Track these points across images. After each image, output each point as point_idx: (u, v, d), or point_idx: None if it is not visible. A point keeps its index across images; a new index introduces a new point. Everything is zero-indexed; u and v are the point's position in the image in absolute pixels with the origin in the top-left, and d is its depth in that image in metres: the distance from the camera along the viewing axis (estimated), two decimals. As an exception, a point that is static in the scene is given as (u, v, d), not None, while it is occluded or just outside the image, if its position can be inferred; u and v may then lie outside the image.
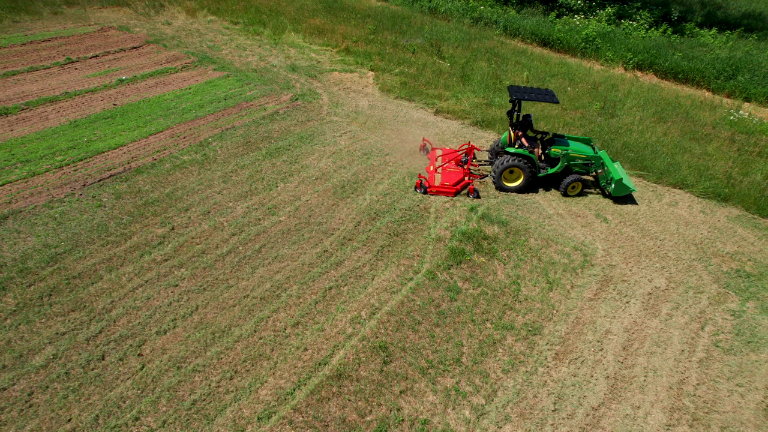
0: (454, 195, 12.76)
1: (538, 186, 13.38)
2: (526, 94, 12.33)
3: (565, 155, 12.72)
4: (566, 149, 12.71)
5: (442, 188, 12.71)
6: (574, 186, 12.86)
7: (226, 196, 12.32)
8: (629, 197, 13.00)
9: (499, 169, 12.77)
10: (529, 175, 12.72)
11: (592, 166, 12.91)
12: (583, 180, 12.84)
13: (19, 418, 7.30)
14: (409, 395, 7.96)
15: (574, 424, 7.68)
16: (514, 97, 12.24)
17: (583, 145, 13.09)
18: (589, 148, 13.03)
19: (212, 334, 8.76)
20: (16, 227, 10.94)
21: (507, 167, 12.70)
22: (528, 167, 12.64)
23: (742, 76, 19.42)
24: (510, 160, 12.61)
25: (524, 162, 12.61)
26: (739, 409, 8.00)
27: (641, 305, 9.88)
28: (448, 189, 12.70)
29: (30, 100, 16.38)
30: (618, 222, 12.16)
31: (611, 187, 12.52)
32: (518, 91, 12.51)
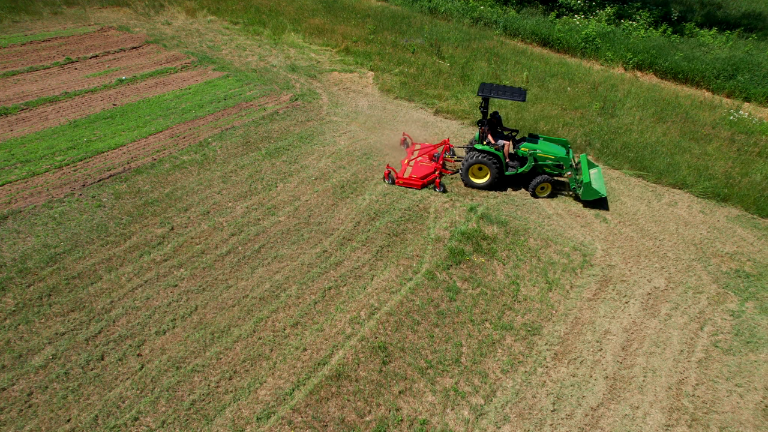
0: (420, 188, 12.95)
1: (508, 185, 13.30)
2: (495, 91, 12.32)
3: (532, 154, 12.65)
4: (534, 148, 12.63)
5: (410, 180, 12.95)
6: (543, 187, 12.74)
7: (225, 196, 12.32)
8: (602, 202, 12.70)
9: (465, 165, 12.89)
10: (495, 172, 12.72)
11: (563, 168, 12.75)
12: (551, 181, 12.67)
13: (19, 419, 7.31)
14: (408, 395, 7.96)
15: (573, 424, 7.69)
16: (483, 94, 12.26)
17: (556, 146, 12.89)
18: (562, 149, 12.80)
19: (211, 335, 8.77)
20: (16, 227, 10.95)
21: (473, 163, 12.78)
22: (494, 165, 12.64)
23: (742, 76, 19.40)
24: (476, 156, 12.69)
25: (491, 159, 12.63)
26: (738, 410, 8.00)
27: (640, 305, 9.88)
28: (415, 181, 12.91)
29: (30, 100, 16.39)
30: (617, 222, 12.16)
31: (580, 190, 12.37)
32: (487, 88, 12.45)
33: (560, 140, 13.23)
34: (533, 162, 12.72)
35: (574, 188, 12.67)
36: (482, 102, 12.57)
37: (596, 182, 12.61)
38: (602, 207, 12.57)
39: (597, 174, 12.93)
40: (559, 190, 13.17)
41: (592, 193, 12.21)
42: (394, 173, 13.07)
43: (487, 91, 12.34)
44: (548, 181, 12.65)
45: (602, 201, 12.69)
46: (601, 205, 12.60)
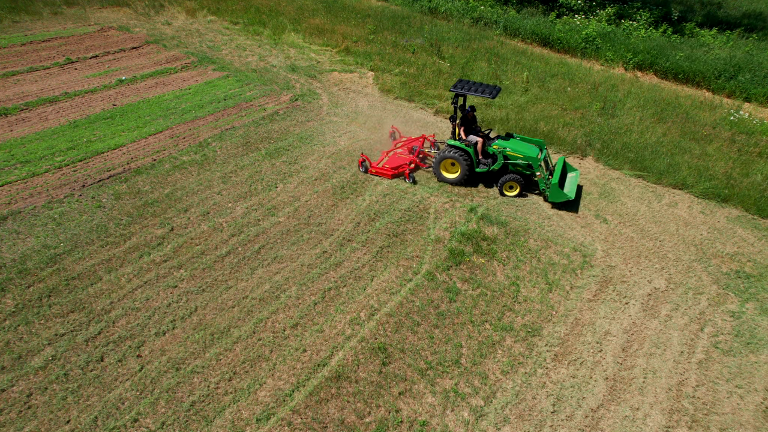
0: (391, 177, 13.25)
1: (480, 181, 13.34)
2: (468, 88, 12.39)
3: (501, 152, 12.70)
4: (504, 147, 12.67)
5: (382, 170, 13.28)
6: (511, 186, 12.73)
7: (225, 196, 12.32)
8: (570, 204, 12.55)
9: (437, 159, 13.07)
10: (466, 168, 12.77)
11: (533, 168, 12.64)
12: (519, 181, 12.57)
13: (18, 420, 7.31)
14: (408, 396, 7.96)
15: (573, 425, 7.68)
16: (455, 90, 12.39)
17: (529, 146, 12.83)
18: (534, 150, 12.70)
19: (211, 336, 8.76)
20: (16, 228, 10.94)
21: (445, 158, 12.91)
22: (465, 161, 12.69)
23: (743, 76, 19.38)
24: (447, 152, 12.81)
25: (462, 156, 12.69)
26: (738, 411, 7.99)
27: (640, 306, 9.87)
28: (386, 171, 13.24)
29: (30, 101, 16.39)
30: (617, 223, 12.15)
31: (548, 191, 12.34)
32: (461, 84, 12.57)
33: (536, 141, 13.19)
34: (503, 160, 12.76)
35: (543, 189, 12.60)
36: (455, 97, 12.68)
37: (568, 185, 12.65)
38: (570, 209, 12.46)
39: (573, 178, 12.92)
40: (533, 190, 13.12)
41: (559, 195, 12.17)
42: (368, 161, 13.38)
43: (460, 87, 12.47)
44: (515, 180, 12.59)
45: (570, 203, 12.54)
46: (569, 207, 12.50)
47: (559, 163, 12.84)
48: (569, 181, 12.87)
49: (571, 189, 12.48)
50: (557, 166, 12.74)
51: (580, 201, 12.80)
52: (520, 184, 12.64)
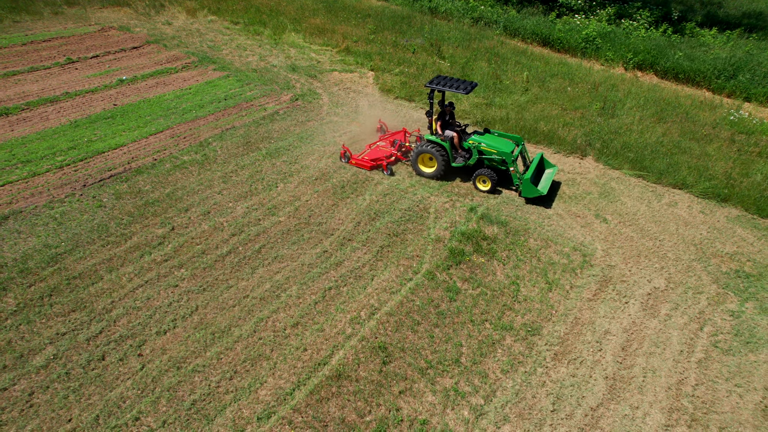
0: (370, 169, 13.54)
1: (457, 175, 13.52)
2: (443, 84, 12.56)
3: (476, 147, 12.83)
4: (479, 142, 12.78)
5: (362, 161, 13.59)
6: (483, 180, 12.86)
7: (226, 196, 12.34)
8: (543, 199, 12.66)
9: (413, 153, 13.28)
10: (442, 163, 12.94)
11: (506, 163, 12.73)
12: (491, 176, 12.68)
13: (20, 418, 7.34)
14: (409, 395, 7.98)
15: (573, 424, 7.70)
16: (430, 86, 12.62)
17: (504, 142, 12.95)
18: (509, 145, 12.80)
19: (212, 335, 8.79)
20: (17, 227, 10.97)
21: (421, 152, 13.09)
22: (441, 155, 12.85)
23: (743, 75, 19.40)
24: (423, 146, 13.00)
25: (438, 150, 12.86)
26: (737, 410, 8.02)
27: (640, 306, 9.89)
28: (365, 162, 13.50)
29: (30, 100, 16.42)
30: (617, 222, 12.17)
31: (521, 186, 12.47)
32: (437, 80, 12.76)
33: (513, 137, 13.37)
34: (477, 155, 12.91)
35: (517, 184, 12.73)
36: (430, 93, 12.86)
37: (543, 182, 12.73)
38: (543, 204, 12.55)
39: (549, 174, 13.02)
40: (509, 186, 13.24)
41: (531, 191, 12.29)
42: (348, 153, 13.71)
43: (436, 82, 12.69)
44: (487, 175, 12.71)
45: (543, 199, 12.66)
46: (542, 203, 12.58)
47: (536, 160, 12.98)
48: (545, 178, 12.97)
49: (544, 185, 12.55)
50: (533, 162, 12.89)
51: (555, 197, 12.87)
52: (491, 179, 12.73)
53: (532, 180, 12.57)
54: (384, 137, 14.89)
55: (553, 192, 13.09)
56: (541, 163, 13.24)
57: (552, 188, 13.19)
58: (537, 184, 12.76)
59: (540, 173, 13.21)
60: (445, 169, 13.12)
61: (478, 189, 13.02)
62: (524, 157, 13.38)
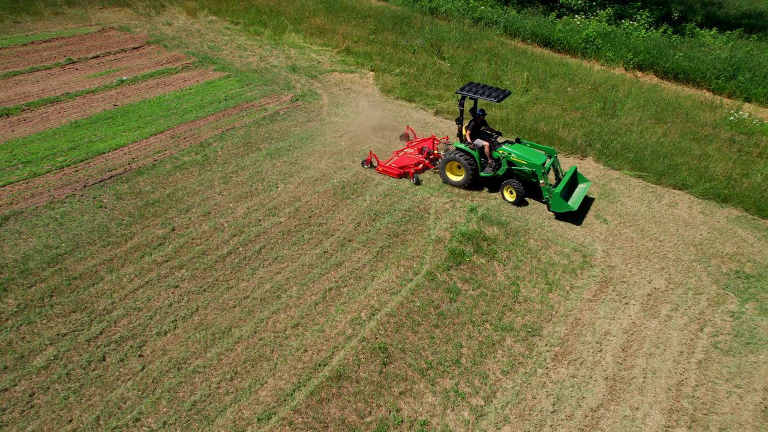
0: (398, 177, 13.32)
1: (485, 185, 13.23)
2: (475, 91, 12.35)
3: (505, 157, 12.43)
4: (509, 152, 12.35)
5: (389, 168, 13.38)
6: (510, 191, 12.48)
7: (226, 197, 12.35)
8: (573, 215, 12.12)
9: (442, 161, 13.05)
10: (470, 172, 12.63)
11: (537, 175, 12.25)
12: (517, 187, 12.28)
13: (21, 419, 7.34)
14: (409, 396, 7.99)
15: (573, 425, 7.71)
16: (461, 93, 12.48)
17: (536, 153, 12.41)
18: (540, 157, 12.29)
19: (212, 335, 8.79)
20: (18, 228, 10.98)
21: (449, 160, 12.85)
22: (469, 164, 12.54)
23: (743, 76, 19.39)
24: (452, 154, 12.74)
25: (466, 159, 12.55)
26: (737, 411, 8.02)
27: (640, 306, 9.90)
28: (393, 170, 13.33)
29: (31, 101, 16.43)
30: (617, 223, 12.17)
31: (551, 201, 11.96)
32: (468, 87, 12.60)
33: (546, 148, 12.86)
34: (506, 165, 12.49)
35: (546, 198, 12.22)
36: (461, 99, 12.72)
37: (575, 197, 12.23)
38: (574, 220, 12.04)
39: (582, 189, 12.51)
40: (539, 198, 12.74)
41: (561, 205, 11.77)
42: (375, 159, 13.50)
43: (467, 89, 12.50)
44: (514, 186, 12.32)
45: (573, 214, 12.14)
46: (573, 219, 12.07)
47: (569, 173, 12.41)
48: (577, 192, 12.43)
49: (575, 201, 12.04)
50: (566, 176, 12.31)
51: (585, 213, 12.42)
52: (518, 191, 12.36)
53: (564, 194, 12.01)
54: (411, 144, 14.59)
55: (584, 207, 12.58)
56: (574, 177, 12.69)
57: (584, 203, 12.66)
58: (568, 198, 12.25)
59: (573, 187, 12.64)
60: (473, 178, 12.75)
61: (505, 199, 12.65)
62: (557, 169, 12.82)
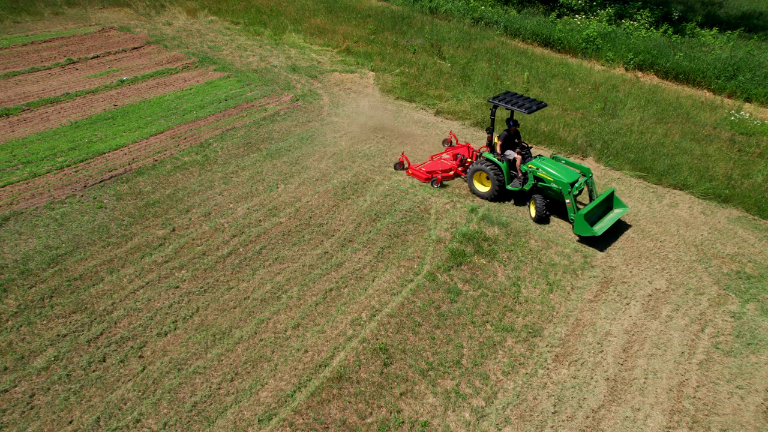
0: (425, 181, 13.21)
1: (511, 198, 12.73)
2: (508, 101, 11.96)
3: (532, 172, 11.93)
4: (537, 167, 11.83)
5: (417, 172, 13.32)
6: (533, 206, 12.02)
7: (226, 197, 12.34)
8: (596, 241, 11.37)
9: (470, 170, 12.79)
10: (496, 184, 12.20)
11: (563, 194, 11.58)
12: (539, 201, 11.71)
13: (21, 420, 7.33)
14: (410, 397, 7.97)
15: (574, 426, 7.70)
16: (493, 102, 12.20)
17: (568, 171, 11.74)
18: (570, 175, 11.59)
19: (213, 336, 8.78)
20: (18, 228, 10.96)
21: (477, 170, 12.55)
22: (496, 176, 12.12)
23: (743, 76, 19.38)
24: (480, 164, 12.39)
25: (493, 169, 12.13)
26: (739, 411, 8.01)
27: (641, 307, 9.88)
28: (421, 174, 13.25)
29: (31, 101, 16.41)
30: (618, 223, 12.14)
31: (574, 222, 11.32)
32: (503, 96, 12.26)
33: (581, 167, 12.16)
34: (533, 180, 11.99)
35: (572, 218, 11.59)
36: (493, 108, 12.41)
37: (605, 221, 11.42)
38: (596, 245, 11.30)
39: (615, 215, 11.64)
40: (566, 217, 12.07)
41: (584, 228, 11.05)
42: (407, 162, 13.47)
43: (501, 98, 12.09)
44: (535, 201, 11.81)
45: (597, 239, 11.38)
46: (596, 244, 11.32)
47: (602, 196, 11.59)
48: (609, 217, 11.58)
49: (602, 226, 11.21)
50: (599, 198, 11.53)
51: (613, 241, 11.48)
52: (538, 208, 11.75)
53: (592, 217, 11.28)
54: (449, 150, 14.30)
55: (614, 233, 11.66)
56: (609, 201, 11.81)
57: (615, 229, 11.73)
58: (596, 222, 11.41)
59: (607, 211, 11.81)
60: (499, 190, 12.31)
61: (530, 215, 12.13)
62: (591, 190, 12.04)
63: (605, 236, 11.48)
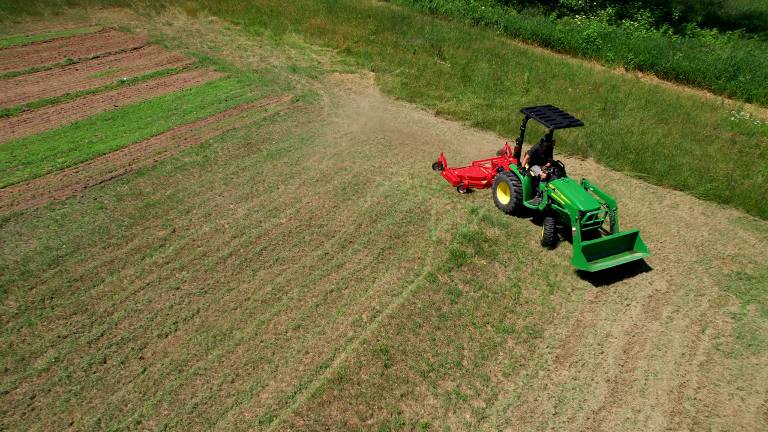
0: (454, 185, 13.12)
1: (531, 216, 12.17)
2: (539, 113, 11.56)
3: (546, 191, 11.31)
4: (554, 186, 11.10)
5: (449, 174, 13.28)
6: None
7: (227, 198, 12.33)
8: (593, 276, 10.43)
9: (495, 181, 12.44)
10: (514, 198, 11.78)
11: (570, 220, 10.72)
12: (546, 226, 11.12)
13: (22, 422, 7.33)
14: (410, 399, 7.97)
15: (575, 427, 7.70)
16: (525, 112, 11.84)
17: (589, 199, 10.69)
18: (590, 203, 10.60)
19: (213, 337, 8.78)
20: (18, 229, 10.96)
21: (500, 181, 12.22)
22: (515, 189, 11.70)
23: (744, 76, 19.38)
24: (504, 175, 12.03)
25: (513, 183, 11.73)
26: (739, 413, 8.01)
27: (642, 308, 9.88)
28: (452, 177, 13.16)
29: (31, 102, 16.40)
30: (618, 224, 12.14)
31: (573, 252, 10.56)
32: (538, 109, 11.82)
33: (607, 199, 11.04)
34: (547, 200, 11.32)
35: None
36: (524, 119, 12.11)
37: (609, 260, 10.36)
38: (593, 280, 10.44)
39: (628, 257, 10.46)
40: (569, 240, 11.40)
41: (579, 260, 10.19)
42: (443, 163, 13.48)
43: (536, 111, 11.63)
44: (546, 222, 11.22)
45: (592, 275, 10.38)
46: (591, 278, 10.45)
47: (622, 233, 10.60)
48: (618, 259, 10.44)
49: (603, 264, 10.22)
50: (617, 234, 10.61)
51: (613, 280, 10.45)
52: (545, 232, 11.17)
53: (596, 252, 10.41)
54: (494, 159, 13.80)
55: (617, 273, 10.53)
56: (630, 241, 10.68)
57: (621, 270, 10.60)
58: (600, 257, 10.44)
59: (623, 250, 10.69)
60: (516, 205, 11.83)
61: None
62: (613, 224, 11.01)
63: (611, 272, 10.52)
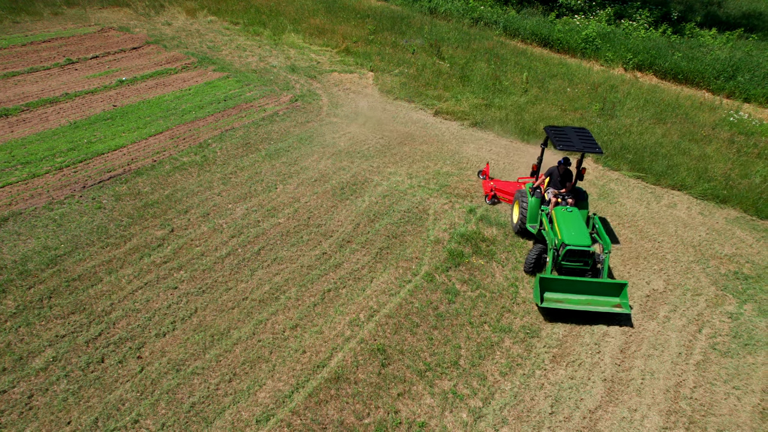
0: (486, 194, 12.81)
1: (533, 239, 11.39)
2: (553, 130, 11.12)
3: (541, 215, 10.78)
4: (554, 213, 10.33)
5: (484, 183, 13.20)
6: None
7: (225, 197, 12.35)
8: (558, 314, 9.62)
9: (515, 197, 11.75)
10: (521, 217, 11.21)
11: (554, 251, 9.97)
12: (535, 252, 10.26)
13: (19, 421, 7.35)
14: (407, 398, 7.99)
15: (571, 427, 7.72)
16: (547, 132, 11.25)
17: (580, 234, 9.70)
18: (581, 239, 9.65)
19: (211, 337, 8.80)
20: (16, 229, 10.97)
21: (516, 199, 11.59)
22: (523, 209, 11.13)
23: (742, 76, 19.40)
24: (518, 194, 11.54)
25: (523, 203, 11.18)
26: (735, 412, 8.03)
27: (639, 307, 9.90)
28: (486, 187, 12.95)
29: (30, 101, 16.41)
30: (616, 224, 12.17)
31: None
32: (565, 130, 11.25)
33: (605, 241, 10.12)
34: (539, 227, 10.80)
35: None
36: (545, 139, 11.64)
37: (572, 302, 9.40)
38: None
39: (603, 306, 9.40)
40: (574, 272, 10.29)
41: (535, 291, 9.49)
42: (485, 173, 13.35)
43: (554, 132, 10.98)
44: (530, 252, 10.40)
45: (551, 311, 9.56)
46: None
47: (605, 280, 9.55)
48: (587, 303, 9.43)
49: (562, 303, 9.36)
50: (599, 279, 9.57)
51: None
52: (528, 254, 10.47)
53: (561, 288, 9.53)
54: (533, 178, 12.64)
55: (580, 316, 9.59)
56: (616, 290, 9.50)
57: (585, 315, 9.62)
58: (563, 294, 9.55)
59: (602, 297, 9.53)
60: (521, 225, 11.23)
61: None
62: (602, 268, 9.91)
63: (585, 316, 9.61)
